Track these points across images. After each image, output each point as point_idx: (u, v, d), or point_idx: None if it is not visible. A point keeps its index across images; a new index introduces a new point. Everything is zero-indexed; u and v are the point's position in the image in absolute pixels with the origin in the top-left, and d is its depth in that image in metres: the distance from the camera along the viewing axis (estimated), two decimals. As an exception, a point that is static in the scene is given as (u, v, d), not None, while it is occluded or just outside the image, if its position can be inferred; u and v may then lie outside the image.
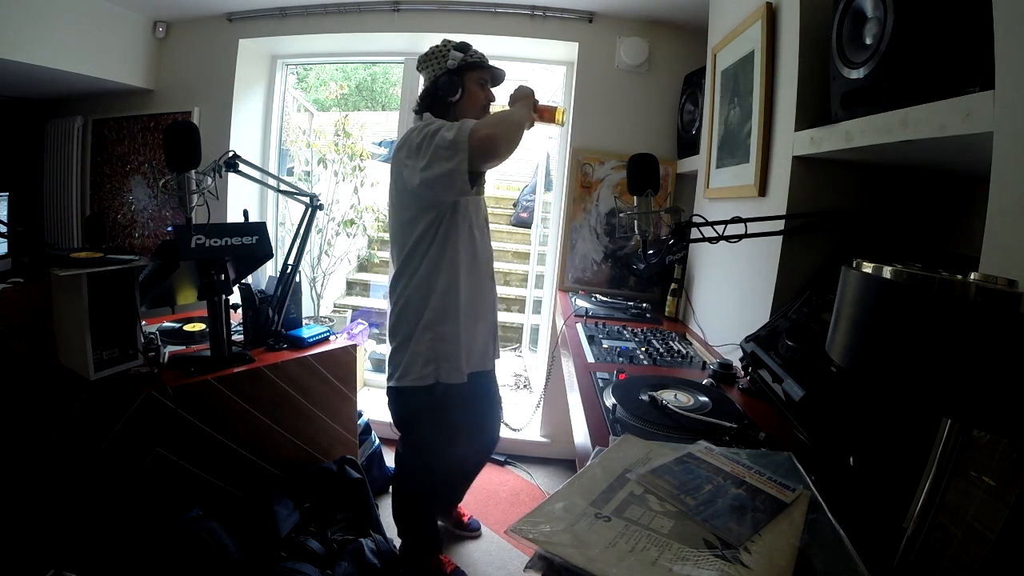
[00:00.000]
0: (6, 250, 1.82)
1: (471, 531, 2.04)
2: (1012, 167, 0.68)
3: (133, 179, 3.09)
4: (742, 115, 1.61)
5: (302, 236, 1.85)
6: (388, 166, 1.51)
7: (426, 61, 1.52)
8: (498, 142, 1.28)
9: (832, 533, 0.67)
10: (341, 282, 4.62)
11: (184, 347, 1.72)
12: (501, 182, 6.56)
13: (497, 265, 2.04)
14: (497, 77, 1.54)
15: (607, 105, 2.53)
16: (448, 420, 1.56)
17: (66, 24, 2.50)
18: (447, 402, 1.52)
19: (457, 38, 2.66)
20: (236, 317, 1.79)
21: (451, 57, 1.47)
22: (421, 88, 1.58)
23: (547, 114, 1.49)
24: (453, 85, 1.47)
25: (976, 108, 0.73)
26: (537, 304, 3.23)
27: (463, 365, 1.51)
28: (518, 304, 4.53)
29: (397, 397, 1.56)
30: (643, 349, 1.59)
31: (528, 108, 1.42)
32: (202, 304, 1.55)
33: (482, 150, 1.26)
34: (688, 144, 2.34)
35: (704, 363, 1.51)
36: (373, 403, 2.84)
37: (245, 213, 1.66)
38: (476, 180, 1.33)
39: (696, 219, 1.27)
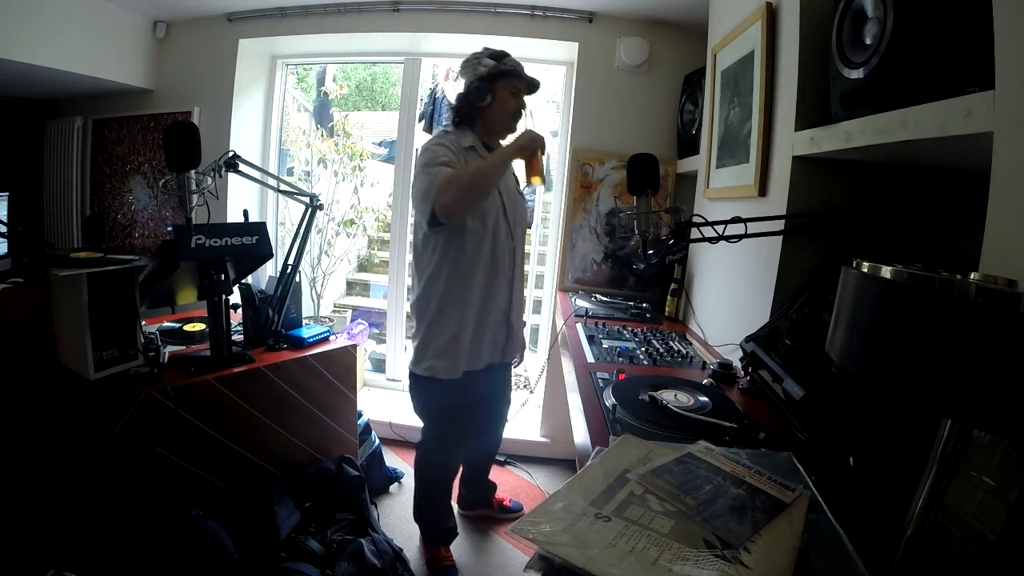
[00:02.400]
0: (6, 250, 1.82)
1: (514, 512, 2.16)
2: (1012, 167, 0.68)
3: (133, 179, 3.09)
4: (742, 115, 1.61)
5: (302, 236, 1.85)
6: (388, 166, 1.54)
7: (463, 66, 1.55)
8: (455, 209, 1.37)
9: (832, 533, 0.67)
10: (341, 282, 4.62)
11: (184, 347, 1.72)
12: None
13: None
14: (532, 86, 1.57)
15: (607, 105, 2.53)
16: (453, 410, 1.66)
17: (66, 24, 2.50)
18: (452, 393, 1.61)
19: (457, 38, 2.70)
20: (236, 317, 1.79)
21: (483, 64, 1.50)
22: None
23: (533, 171, 1.48)
24: (482, 92, 1.50)
25: (976, 108, 0.73)
26: (537, 304, 3.23)
27: (461, 362, 1.58)
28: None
29: (414, 383, 1.66)
30: (643, 349, 1.59)
31: (520, 155, 1.43)
32: (202, 304, 1.55)
33: (443, 213, 1.37)
34: (688, 144, 2.34)
35: (704, 363, 1.51)
36: (373, 403, 2.85)
37: (245, 213, 1.66)
38: (441, 221, 1.43)
39: (696, 219, 1.27)
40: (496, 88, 1.51)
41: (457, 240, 1.51)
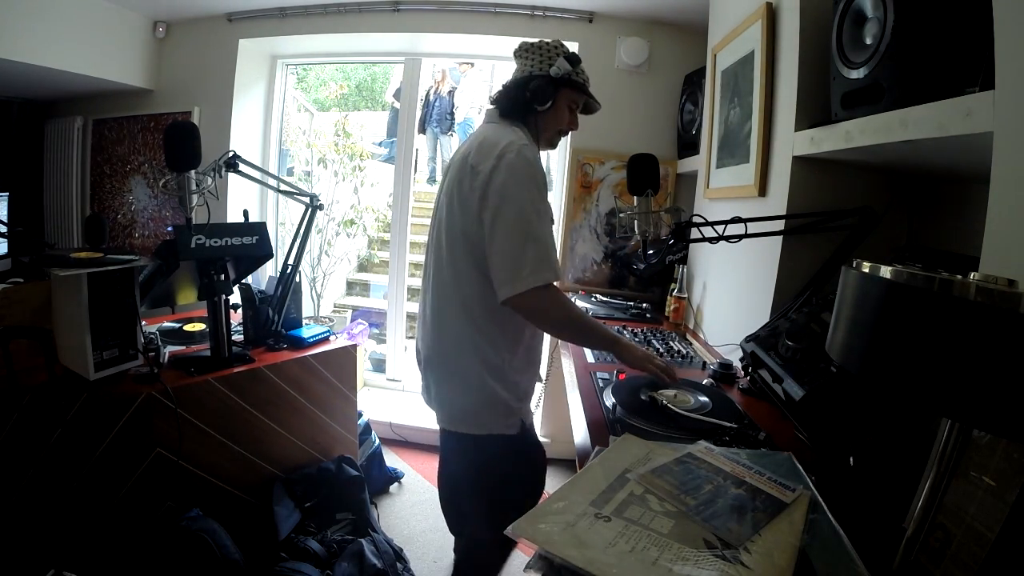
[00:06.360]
0: (6, 250, 1.82)
1: None
2: (1012, 167, 0.68)
3: (133, 179, 3.09)
4: (742, 115, 1.61)
5: (302, 236, 1.85)
6: (388, 166, 1.49)
7: (528, 52, 1.30)
8: (527, 314, 1.15)
9: (832, 533, 0.67)
10: (341, 282, 4.62)
11: (184, 347, 1.72)
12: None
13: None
14: (591, 108, 1.39)
15: (607, 105, 2.48)
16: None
17: (66, 24, 2.50)
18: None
19: (457, 38, 2.69)
20: (236, 317, 1.79)
21: (558, 64, 1.27)
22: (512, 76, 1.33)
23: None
24: (546, 95, 1.26)
25: (976, 108, 0.73)
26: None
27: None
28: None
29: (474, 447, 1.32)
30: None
31: (646, 371, 1.22)
32: (202, 304, 1.55)
33: (517, 305, 1.10)
34: (688, 144, 2.34)
35: (704, 363, 1.51)
36: (373, 403, 2.85)
37: (245, 213, 1.66)
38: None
39: (696, 219, 1.27)
40: (559, 96, 1.28)
41: None
